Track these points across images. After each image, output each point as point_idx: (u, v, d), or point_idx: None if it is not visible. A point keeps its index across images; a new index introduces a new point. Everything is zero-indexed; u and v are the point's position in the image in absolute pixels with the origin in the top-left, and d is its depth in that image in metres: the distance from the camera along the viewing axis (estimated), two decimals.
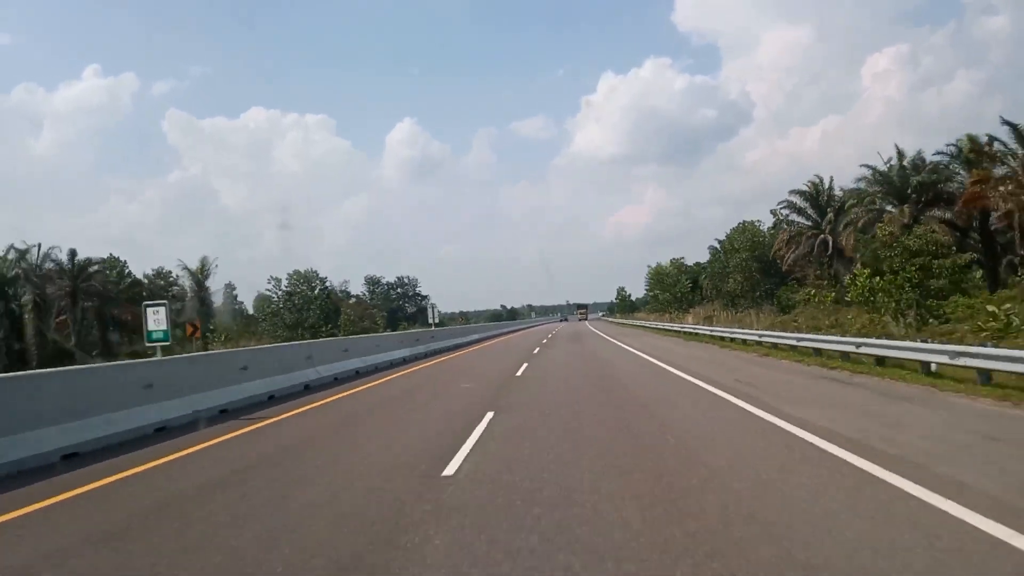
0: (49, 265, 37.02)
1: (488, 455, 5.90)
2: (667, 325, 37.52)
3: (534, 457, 5.71)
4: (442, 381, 14.05)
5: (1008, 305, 14.92)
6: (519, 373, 14.27)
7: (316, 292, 49.23)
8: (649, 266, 65.87)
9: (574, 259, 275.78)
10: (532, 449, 6.05)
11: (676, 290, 52.27)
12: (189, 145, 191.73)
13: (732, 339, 21.47)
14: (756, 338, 18.92)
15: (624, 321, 66.09)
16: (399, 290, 79.67)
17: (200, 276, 42.16)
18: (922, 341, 10.84)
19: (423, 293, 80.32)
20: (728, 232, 45.76)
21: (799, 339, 15.44)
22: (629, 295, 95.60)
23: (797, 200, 36.00)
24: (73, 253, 36.06)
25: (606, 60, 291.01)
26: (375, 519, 4.16)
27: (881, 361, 11.49)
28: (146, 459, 6.46)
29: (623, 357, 18.10)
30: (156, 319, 10.80)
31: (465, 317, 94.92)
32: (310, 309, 48.87)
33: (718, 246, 48.25)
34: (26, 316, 31.00)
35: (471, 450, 6.08)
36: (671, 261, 60.48)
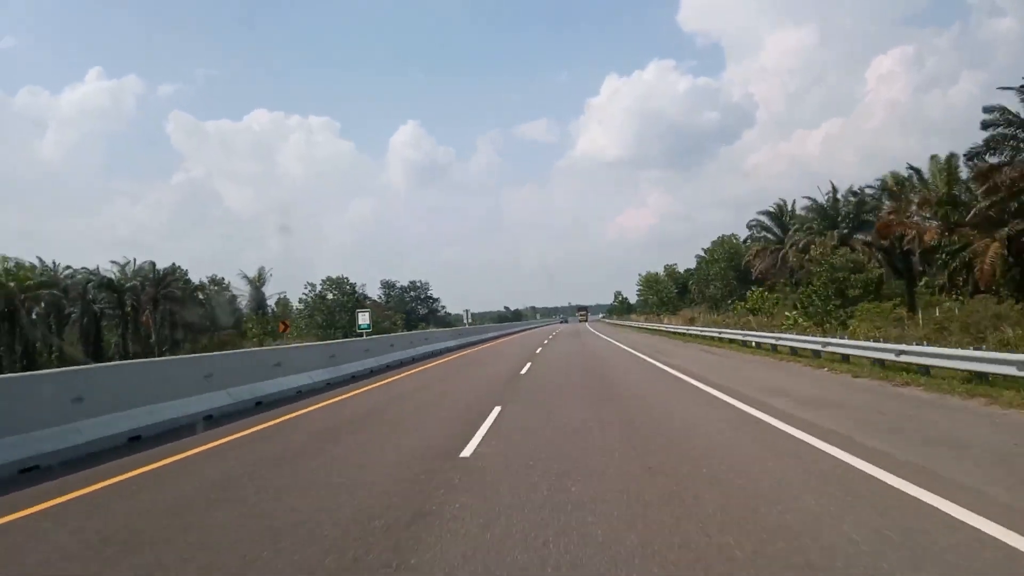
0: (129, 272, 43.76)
1: (533, 374, 12.49)
2: (653, 325, 44.20)
3: (549, 382, 12.28)
4: (495, 353, 20.61)
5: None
6: (538, 351, 20.99)
7: (347, 297, 55.98)
8: (640, 274, 72.84)
9: (577, 260, 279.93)
10: (550, 379, 12.63)
11: (663, 295, 59.17)
12: (193, 147, 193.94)
13: (702, 336, 28.05)
14: (716, 334, 25.43)
15: (619, 322, 72.82)
16: (412, 293, 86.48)
17: (257, 283, 48.98)
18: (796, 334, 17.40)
19: (434, 296, 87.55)
20: (711, 243, 52.44)
21: (728, 332, 22.03)
22: (626, 299, 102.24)
23: (764, 219, 42.62)
24: (153, 265, 42.85)
25: (609, 62, 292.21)
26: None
27: (775, 347, 18.01)
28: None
29: (603, 344, 24.68)
30: (363, 316, 17.73)
31: (482, 318, 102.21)
32: (342, 312, 55.72)
33: (704, 254, 55.05)
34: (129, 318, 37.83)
35: (528, 371, 12.69)
36: (665, 267, 67.62)
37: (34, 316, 38.47)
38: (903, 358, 10.17)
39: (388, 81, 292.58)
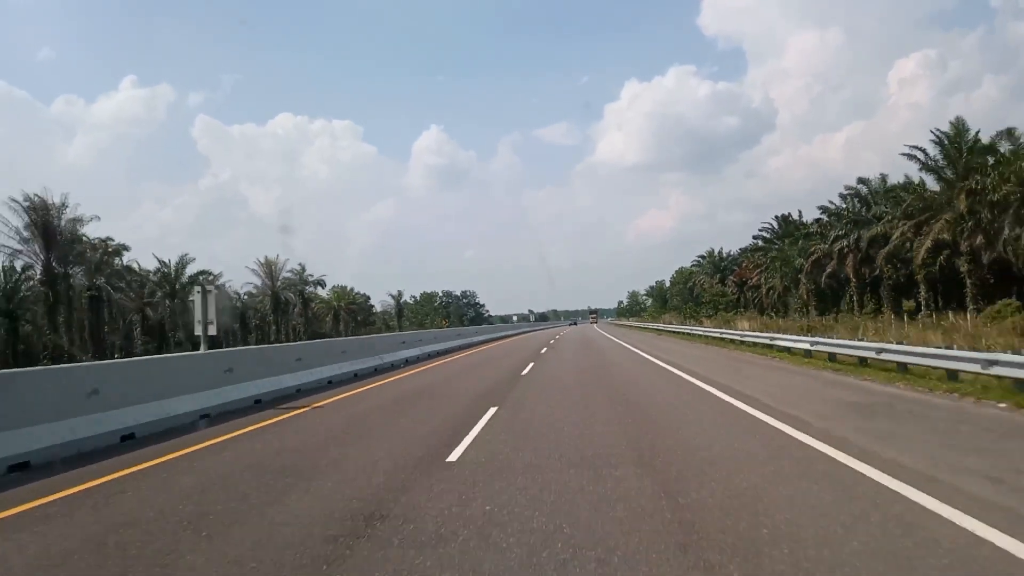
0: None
1: (559, 343, 38.81)
2: (646, 324, 70.21)
3: (567, 345, 38.62)
4: (535, 336, 46.80)
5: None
6: (559, 336, 47.45)
7: (437, 304, 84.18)
8: (625, 291, 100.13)
9: (598, 262, 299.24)
10: (566, 343, 38.98)
11: (646, 306, 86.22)
12: (219, 151, 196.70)
13: (672, 331, 54.21)
14: (684, 329, 51.58)
15: (620, 322, 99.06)
16: (464, 300, 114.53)
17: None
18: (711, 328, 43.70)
19: (480, 302, 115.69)
20: (675, 272, 79.30)
21: (683, 328, 48.38)
22: (625, 302, 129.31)
23: (703, 260, 69.06)
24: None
25: (631, 66, 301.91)
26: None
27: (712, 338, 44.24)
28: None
29: (596, 334, 50.61)
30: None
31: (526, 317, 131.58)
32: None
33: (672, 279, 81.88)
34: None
35: (557, 340, 38.98)
36: (650, 286, 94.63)
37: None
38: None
39: (412, 85, 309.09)
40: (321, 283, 67.09)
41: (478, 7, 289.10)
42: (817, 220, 45.69)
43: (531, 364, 19.38)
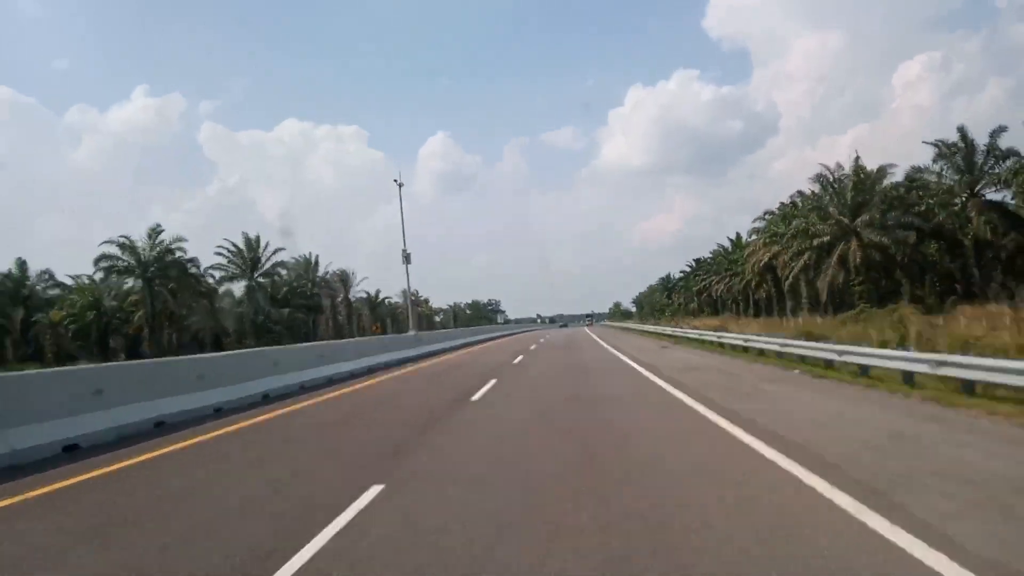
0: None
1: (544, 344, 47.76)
2: (625, 325, 79.09)
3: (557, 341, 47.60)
4: (536, 333, 55.58)
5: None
6: (547, 337, 56.40)
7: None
8: (629, 294, 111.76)
9: (606, 265, 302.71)
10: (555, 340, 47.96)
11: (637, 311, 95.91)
12: (226, 157, 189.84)
13: (632, 328, 63.02)
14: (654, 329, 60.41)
15: (611, 324, 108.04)
16: (489, 307, 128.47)
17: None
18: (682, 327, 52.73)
19: (502, 308, 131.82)
20: (658, 279, 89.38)
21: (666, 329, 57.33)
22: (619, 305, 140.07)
23: (687, 267, 78.60)
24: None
25: (635, 69, 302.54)
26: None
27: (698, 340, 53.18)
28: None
29: (583, 335, 59.45)
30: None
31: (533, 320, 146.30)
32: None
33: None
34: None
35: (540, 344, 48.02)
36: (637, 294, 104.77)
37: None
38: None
39: (416, 89, 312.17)
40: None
41: (483, 12, 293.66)
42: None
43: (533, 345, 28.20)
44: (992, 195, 34.39)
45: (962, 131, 34.23)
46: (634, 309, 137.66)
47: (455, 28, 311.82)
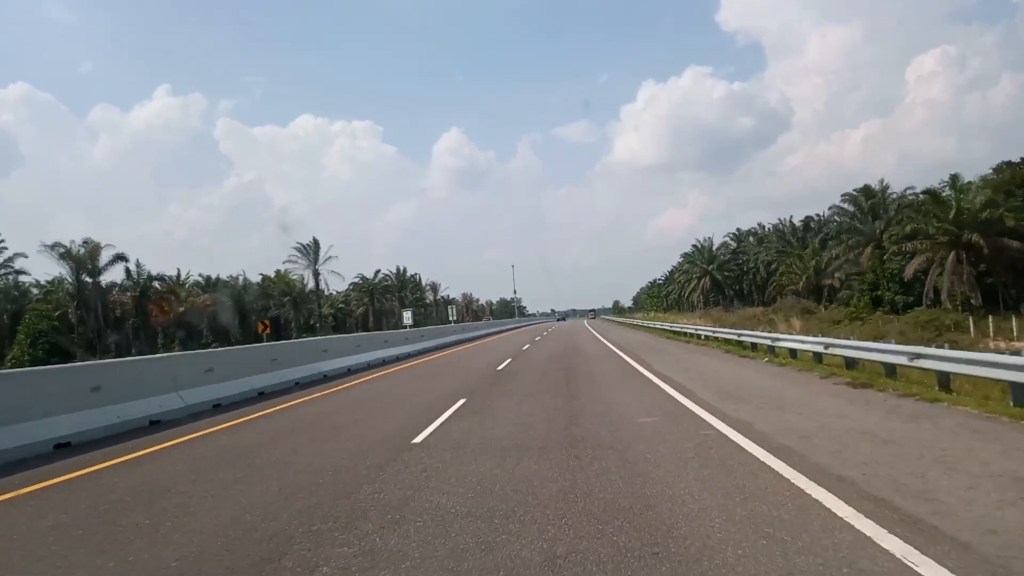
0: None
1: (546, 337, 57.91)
2: (622, 320, 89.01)
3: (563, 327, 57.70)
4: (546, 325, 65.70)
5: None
6: (555, 326, 66.67)
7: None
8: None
9: (619, 261, 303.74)
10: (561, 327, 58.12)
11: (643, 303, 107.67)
12: (243, 153, 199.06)
13: (624, 321, 73.16)
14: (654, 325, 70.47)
15: (611, 318, 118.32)
16: (513, 303, 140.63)
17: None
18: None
19: (523, 305, 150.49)
20: (649, 282, 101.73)
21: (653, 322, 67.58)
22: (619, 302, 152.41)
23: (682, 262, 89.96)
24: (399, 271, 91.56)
25: (648, 63, 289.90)
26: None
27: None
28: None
29: (580, 326, 69.48)
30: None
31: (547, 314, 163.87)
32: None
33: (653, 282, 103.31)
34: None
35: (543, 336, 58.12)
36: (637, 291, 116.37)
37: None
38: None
39: (431, 86, 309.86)
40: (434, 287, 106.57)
41: (497, 9, 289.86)
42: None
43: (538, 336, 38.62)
44: None
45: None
46: (632, 305, 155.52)
47: (469, 26, 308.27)
